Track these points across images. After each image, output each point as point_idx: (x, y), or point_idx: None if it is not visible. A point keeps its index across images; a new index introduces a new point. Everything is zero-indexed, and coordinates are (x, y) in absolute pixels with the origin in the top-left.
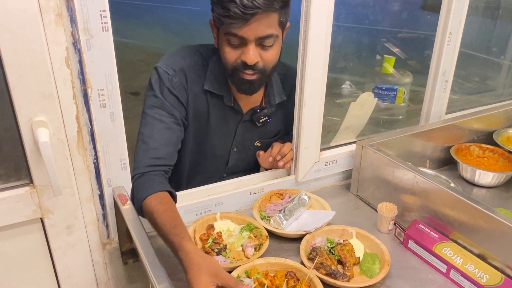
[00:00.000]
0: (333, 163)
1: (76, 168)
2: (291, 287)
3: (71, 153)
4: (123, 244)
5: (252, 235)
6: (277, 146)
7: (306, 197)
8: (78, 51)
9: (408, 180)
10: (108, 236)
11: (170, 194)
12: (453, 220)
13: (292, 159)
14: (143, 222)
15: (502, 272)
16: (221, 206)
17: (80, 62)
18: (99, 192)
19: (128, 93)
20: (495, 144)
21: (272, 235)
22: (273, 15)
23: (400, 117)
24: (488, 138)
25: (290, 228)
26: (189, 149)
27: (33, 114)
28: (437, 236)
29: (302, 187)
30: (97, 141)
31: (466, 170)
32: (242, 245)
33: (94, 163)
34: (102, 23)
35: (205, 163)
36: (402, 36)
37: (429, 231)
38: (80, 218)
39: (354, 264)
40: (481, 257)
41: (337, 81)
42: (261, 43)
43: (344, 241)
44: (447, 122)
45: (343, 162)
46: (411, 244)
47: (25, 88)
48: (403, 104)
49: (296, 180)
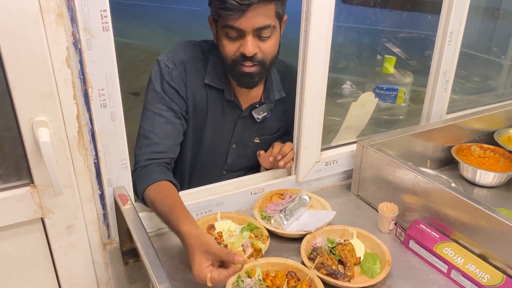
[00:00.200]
0: (333, 163)
1: (77, 168)
2: (291, 287)
3: (71, 153)
4: (124, 244)
5: (252, 235)
6: (277, 146)
7: (306, 197)
8: (79, 51)
9: (409, 180)
10: (109, 236)
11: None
12: (454, 220)
13: (292, 159)
14: (143, 222)
15: (503, 272)
16: (221, 206)
17: (81, 62)
18: (100, 192)
19: (129, 93)
20: (496, 144)
21: (272, 235)
22: (270, 6)
23: (401, 117)
24: (489, 138)
25: (290, 228)
26: (189, 145)
27: (33, 114)
28: (438, 236)
29: (303, 187)
30: (97, 141)
31: (467, 170)
32: (242, 245)
33: (95, 163)
34: (102, 23)
35: (205, 159)
36: (403, 36)
37: (430, 231)
38: (80, 218)
39: (355, 264)
40: (482, 257)
41: (337, 81)
42: (258, 34)
43: (345, 241)
44: (448, 122)
45: (343, 162)
46: (412, 244)
47: (25, 88)
48: (403, 104)
49: (297, 180)
